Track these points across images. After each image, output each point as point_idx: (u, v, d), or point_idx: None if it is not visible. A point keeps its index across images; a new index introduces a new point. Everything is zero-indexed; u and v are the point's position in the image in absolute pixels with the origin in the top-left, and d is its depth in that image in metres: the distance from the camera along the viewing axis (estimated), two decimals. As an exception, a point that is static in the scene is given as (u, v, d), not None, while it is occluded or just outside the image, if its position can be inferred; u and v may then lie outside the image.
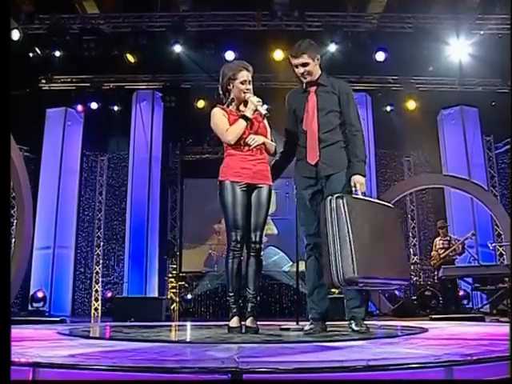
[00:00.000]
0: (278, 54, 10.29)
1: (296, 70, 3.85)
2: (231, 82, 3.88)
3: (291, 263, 11.67)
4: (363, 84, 11.68)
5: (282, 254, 11.91)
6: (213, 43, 10.28)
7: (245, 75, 3.86)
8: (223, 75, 3.92)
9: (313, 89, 3.86)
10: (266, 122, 4.00)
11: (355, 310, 3.66)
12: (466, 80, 11.17)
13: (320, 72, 3.91)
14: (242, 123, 3.77)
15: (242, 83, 3.85)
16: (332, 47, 10.22)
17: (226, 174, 3.82)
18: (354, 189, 3.49)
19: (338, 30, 10.22)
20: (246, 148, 3.81)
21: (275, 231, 11.91)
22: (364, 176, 3.58)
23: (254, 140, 3.77)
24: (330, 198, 3.15)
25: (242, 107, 3.89)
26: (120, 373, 1.79)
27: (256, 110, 3.79)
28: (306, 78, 3.83)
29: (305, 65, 3.79)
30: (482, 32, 10.09)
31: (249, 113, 3.78)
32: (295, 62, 3.82)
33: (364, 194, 3.50)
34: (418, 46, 10.07)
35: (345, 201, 3.10)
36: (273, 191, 3.95)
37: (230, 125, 3.81)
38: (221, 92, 4.00)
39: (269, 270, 11.40)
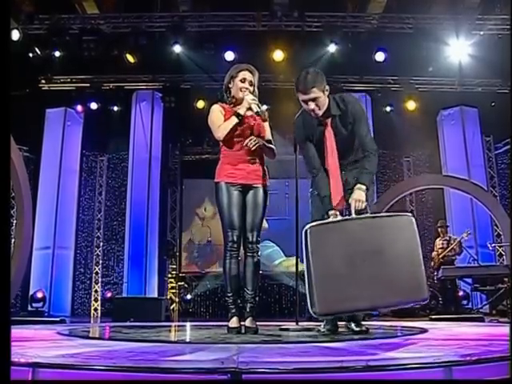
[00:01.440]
0: (278, 55, 10.30)
1: (305, 105, 3.48)
2: (232, 80, 3.94)
3: (284, 258, 11.73)
4: (363, 84, 11.68)
5: (277, 247, 11.93)
6: (212, 43, 10.28)
7: (246, 74, 3.90)
8: (227, 74, 3.99)
9: (328, 121, 3.53)
10: (266, 123, 4.01)
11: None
12: (466, 80, 11.16)
13: (327, 100, 3.53)
14: (233, 120, 3.79)
15: (241, 81, 3.89)
16: (332, 47, 10.23)
17: (220, 176, 3.85)
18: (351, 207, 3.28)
19: (337, 30, 10.22)
20: (239, 147, 3.82)
21: (266, 225, 11.88)
22: (368, 188, 3.37)
23: (253, 142, 3.77)
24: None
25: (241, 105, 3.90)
26: (119, 373, 1.79)
27: (249, 108, 3.80)
28: (317, 114, 3.47)
29: (315, 99, 3.42)
30: (481, 32, 10.08)
31: (242, 111, 3.80)
32: (304, 97, 3.43)
33: (360, 211, 3.25)
34: (418, 46, 10.07)
35: (308, 232, 2.97)
36: (268, 192, 3.96)
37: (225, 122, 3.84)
38: (224, 91, 4.04)
39: (269, 271, 11.43)
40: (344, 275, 2.85)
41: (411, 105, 11.38)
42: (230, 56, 10.11)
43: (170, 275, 11.97)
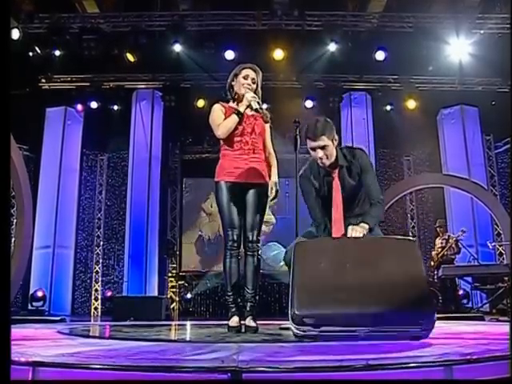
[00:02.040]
0: (278, 54, 10.30)
1: (313, 153, 3.43)
2: (235, 78, 3.95)
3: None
4: (363, 83, 11.70)
5: (283, 249, 11.91)
6: (213, 42, 10.29)
7: (249, 72, 3.92)
8: (231, 73, 4.01)
9: (335, 172, 3.50)
10: (268, 125, 4.02)
11: None
12: (466, 79, 11.17)
13: (335, 151, 3.49)
14: (233, 118, 3.79)
15: (244, 78, 3.90)
16: (332, 46, 10.24)
17: (220, 175, 3.85)
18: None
19: (337, 29, 10.22)
20: (239, 147, 3.82)
21: (273, 220, 11.83)
22: (371, 228, 3.27)
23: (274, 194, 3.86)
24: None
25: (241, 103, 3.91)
26: (120, 372, 1.79)
27: (249, 105, 3.79)
28: (325, 163, 3.43)
29: (324, 147, 3.38)
30: (481, 31, 10.09)
31: (242, 108, 3.80)
32: (313, 144, 3.39)
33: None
34: (418, 45, 10.07)
35: (297, 244, 3.00)
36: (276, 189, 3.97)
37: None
38: (227, 89, 4.05)
39: (269, 270, 11.42)
40: (330, 278, 2.73)
41: (411, 104, 11.39)
42: (230, 55, 10.12)
43: (170, 274, 11.98)
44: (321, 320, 2.64)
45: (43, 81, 11.49)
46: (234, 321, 3.74)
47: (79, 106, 11.59)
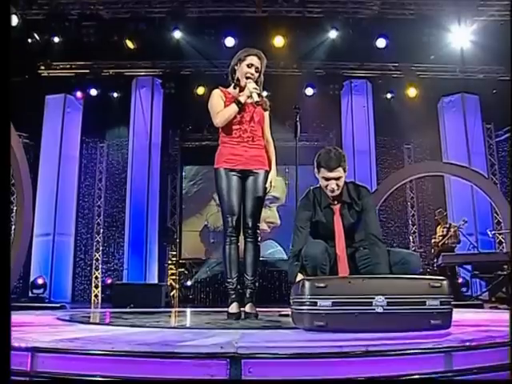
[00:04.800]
0: (278, 41, 10.26)
1: (325, 182, 3.32)
2: (239, 63, 3.89)
3: (286, 258, 11.72)
4: (364, 71, 11.66)
5: (280, 248, 11.87)
6: (213, 29, 10.25)
7: (253, 60, 3.86)
8: (235, 56, 3.95)
9: (337, 208, 3.40)
10: (267, 113, 3.99)
11: None
12: (467, 67, 11.11)
13: None
14: (232, 107, 3.76)
15: (247, 66, 3.85)
16: (333, 34, 10.20)
17: (219, 162, 3.84)
18: None
19: (338, 16, 10.17)
20: (238, 134, 3.80)
21: (278, 222, 11.84)
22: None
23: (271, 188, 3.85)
24: None
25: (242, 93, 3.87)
26: (119, 357, 1.79)
27: (250, 96, 3.76)
28: (334, 194, 3.34)
29: (338, 179, 3.29)
30: (483, 18, 10.01)
31: (242, 98, 3.76)
32: (329, 175, 3.27)
33: None
34: (419, 32, 10.04)
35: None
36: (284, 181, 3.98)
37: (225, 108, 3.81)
38: (229, 72, 4.01)
39: (267, 257, 11.46)
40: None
41: (412, 92, 11.37)
42: (230, 42, 10.08)
43: (170, 261, 12.01)
44: (334, 288, 2.54)
45: (42, 68, 11.44)
46: (234, 307, 3.74)
47: (79, 94, 11.57)
